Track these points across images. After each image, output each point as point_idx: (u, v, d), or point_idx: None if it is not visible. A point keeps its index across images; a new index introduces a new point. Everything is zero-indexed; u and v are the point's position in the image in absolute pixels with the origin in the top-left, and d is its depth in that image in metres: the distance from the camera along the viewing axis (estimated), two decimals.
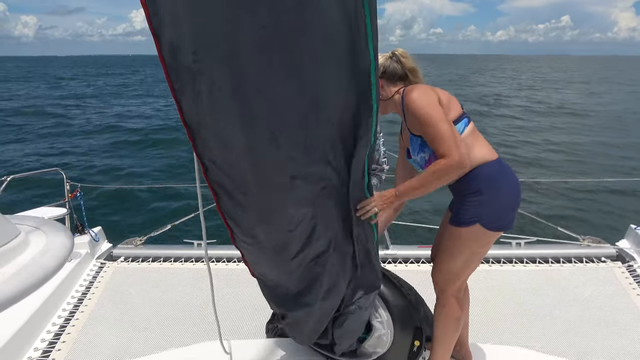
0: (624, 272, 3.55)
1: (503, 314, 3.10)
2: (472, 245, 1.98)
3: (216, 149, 1.48)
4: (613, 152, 15.71)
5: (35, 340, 2.91)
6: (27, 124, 22.76)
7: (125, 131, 20.91)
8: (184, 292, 3.53)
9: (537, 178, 12.12)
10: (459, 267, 2.03)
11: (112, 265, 3.99)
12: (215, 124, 1.41)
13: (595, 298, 3.25)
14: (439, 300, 2.12)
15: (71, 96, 36.43)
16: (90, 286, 3.61)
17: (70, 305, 3.32)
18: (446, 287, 2.08)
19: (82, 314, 3.24)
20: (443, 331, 2.12)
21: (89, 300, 3.42)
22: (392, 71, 2.02)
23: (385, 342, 2.17)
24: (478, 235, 1.95)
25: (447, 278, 2.07)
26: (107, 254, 4.14)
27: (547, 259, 3.83)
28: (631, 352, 2.68)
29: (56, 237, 1.23)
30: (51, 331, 3.02)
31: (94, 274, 3.81)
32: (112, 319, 3.20)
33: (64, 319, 3.17)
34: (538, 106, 28.68)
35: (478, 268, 3.65)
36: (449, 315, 2.09)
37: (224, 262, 3.97)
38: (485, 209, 1.92)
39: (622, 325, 2.92)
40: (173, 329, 3.07)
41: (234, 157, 1.47)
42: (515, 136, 18.72)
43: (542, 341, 2.78)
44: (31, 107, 28.83)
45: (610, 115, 24.42)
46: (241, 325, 3.08)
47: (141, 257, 4.12)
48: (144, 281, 3.72)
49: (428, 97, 1.85)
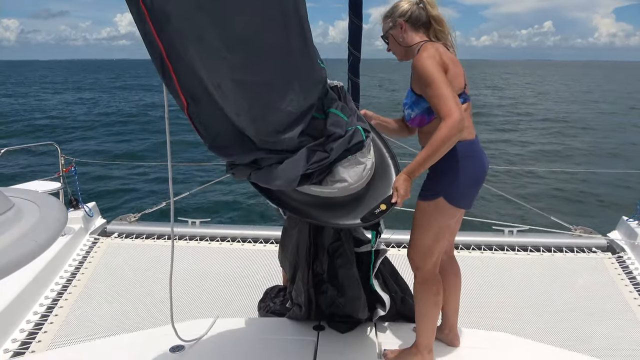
0: (614, 262, 3.59)
1: (494, 300, 3.14)
2: (439, 218, 2.03)
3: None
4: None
5: (27, 313, 2.92)
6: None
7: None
8: (176, 268, 3.54)
9: (530, 167, 12.19)
10: (430, 241, 2.06)
11: (106, 241, 3.99)
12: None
13: (585, 288, 3.29)
14: (416, 277, 2.15)
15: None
16: (83, 261, 3.62)
17: (63, 280, 3.33)
18: (422, 263, 2.10)
19: (74, 289, 3.25)
20: (424, 308, 2.14)
21: (82, 275, 3.43)
22: (416, 17, 2.02)
23: (362, 176, 1.96)
24: (442, 209, 1.99)
25: (421, 253, 2.10)
26: (100, 230, 4.14)
27: (538, 247, 3.87)
28: (618, 341, 2.73)
29: (50, 210, 1.22)
30: (44, 304, 3.03)
31: (87, 249, 3.81)
32: (105, 294, 3.22)
33: (56, 292, 3.18)
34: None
35: (469, 255, 3.76)
36: (427, 291, 2.12)
37: (218, 242, 3.98)
38: (448, 184, 1.97)
39: (610, 315, 2.97)
40: (164, 305, 3.09)
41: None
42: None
43: (531, 328, 2.82)
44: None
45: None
46: (234, 304, 3.11)
47: (135, 234, 4.12)
48: (137, 257, 3.73)
49: (435, 61, 1.87)
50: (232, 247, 3.91)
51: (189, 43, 1.50)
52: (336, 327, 2.44)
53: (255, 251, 3.83)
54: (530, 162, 13.71)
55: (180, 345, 2.24)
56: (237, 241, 3.98)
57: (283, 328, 2.46)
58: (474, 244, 3.90)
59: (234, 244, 3.95)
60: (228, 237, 4.02)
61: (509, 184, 10.38)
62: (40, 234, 1.08)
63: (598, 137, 18.38)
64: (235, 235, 4.03)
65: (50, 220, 1.17)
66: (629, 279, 3.35)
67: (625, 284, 3.30)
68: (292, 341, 2.35)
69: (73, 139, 17.68)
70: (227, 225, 4.13)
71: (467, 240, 3.92)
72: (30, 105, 31.06)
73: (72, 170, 4.36)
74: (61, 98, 35.69)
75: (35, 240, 1.04)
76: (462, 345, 2.32)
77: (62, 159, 4.38)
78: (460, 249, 3.81)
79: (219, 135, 1.74)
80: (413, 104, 2.01)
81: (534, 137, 18.45)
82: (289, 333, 2.41)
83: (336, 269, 2.32)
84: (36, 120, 23.32)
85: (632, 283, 3.29)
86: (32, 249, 1.02)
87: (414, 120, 2.04)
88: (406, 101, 2.07)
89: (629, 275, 3.39)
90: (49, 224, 1.15)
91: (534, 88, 51.82)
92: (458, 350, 2.30)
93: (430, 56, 1.88)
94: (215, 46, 1.51)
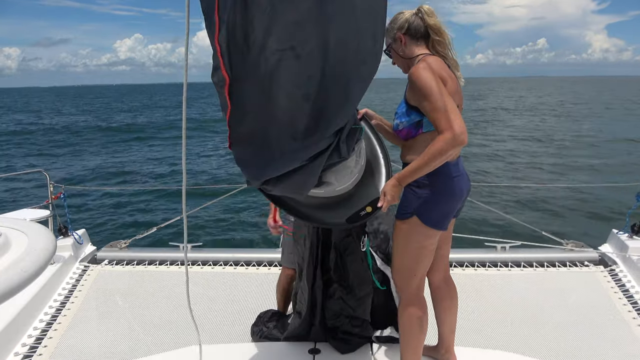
0: (606, 276, 3.60)
1: (488, 317, 3.12)
2: (416, 238, 1.98)
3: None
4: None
5: (16, 344, 2.85)
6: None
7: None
8: (169, 295, 3.50)
9: (519, 183, 12.29)
10: (410, 262, 2.03)
11: (96, 268, 3.93)
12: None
13: (578, 302, 3.29)
14: (401, 300, 2.11)
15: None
16: (73, 289, 3.56)
17: (52, 309, 3.27)
18: (404, 285, 2.07)
19: (64, 318, 3.18)
20: (408, 334, 2.10)
21: (71, 303, 3.37)
22: (415, 27, 1.98)
23: (348, 179, 1.99)
24: (417, 229, 1.96)
25: (402, 274, 2.06)
26: (90, 257, 4.08)
27: (531, 263, 3.87)
28: (613, 355, 2.72)
29: (38, 239, 1.21)
30: (32, 335, 2.97)
31: (77, 277, 3.75)
32: (95, 323, 3.16)
33: (45, 322, 3.11)
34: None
35: (463, 272, 3.75)
36: (411, 315, 2.07)
37: (210, 266, 3.94)
38: (424, 204, 1.93)
39: (604, 329, 2.96)
40: (157, 333, 3.03)
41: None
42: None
43: (527, 345, 2.80)
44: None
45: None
46: (227, 329, 3.06)
47: (125, 260, 4.06)
48: (128, 285, 3.67)
49: (432, 72, 1.81)
50: (224, 271, 3.87)
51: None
52: (337, 346, 2.39)
53: (247, 275, 3.79)
54: (518, 177, 13.84)
55: None
56: (229, 265, 3.95)
57: (277, 352, 2.43)
58: (467, 261, 3.90)
59: (227, 268, 3.91)
60: (220, 261, 3.98)
61: (499, 199, 10.46)
62: (29, 263, 1.07)
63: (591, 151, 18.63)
64: (228, 259, 4.00)
65: (39, 250, 1.15)
66: (622, 291, 3.36)
67: (618, 297, 3.31)
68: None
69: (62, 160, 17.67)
70: (218, 249, 4.11)
71: (459, 257, 3.91)
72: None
73: (62, 197, 4.32)
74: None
75: (23, 270, 1.03)
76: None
77: (50, 186, 4.34)
78: (454, 266, 3.81)
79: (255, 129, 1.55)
80: (402, 115, 1.97)
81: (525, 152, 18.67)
82: (284, 357, 2.38)
83: (347, 267, 2.29)
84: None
85: (625, 296, 3.30)
86: (21, 280, 1.00)
87: (401, 132, 2.00)
88: (397, 110, 2.02)
89: (622, 288, 3.40)
90: (37, 253, 1.13)
91: (525, 102, 52.84)
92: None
93: (426, 67, 1.83)
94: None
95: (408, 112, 1.94)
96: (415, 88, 1.83)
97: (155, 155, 19.36)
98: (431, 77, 1.79)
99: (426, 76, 1.79)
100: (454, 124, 1.71)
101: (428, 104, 1.78)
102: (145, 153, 19.94)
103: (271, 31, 1.35)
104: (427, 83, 1.78)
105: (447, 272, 2.31)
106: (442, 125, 1.74)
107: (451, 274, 2.35)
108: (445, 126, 1.72)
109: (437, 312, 2.31)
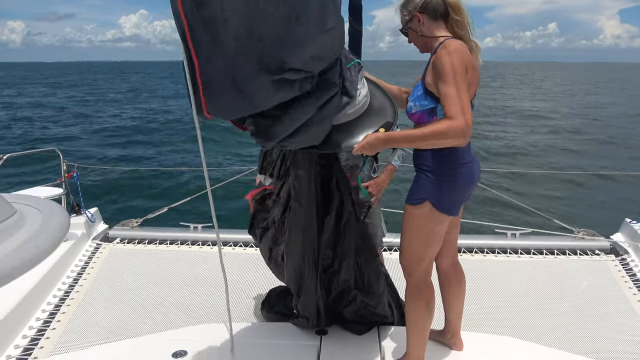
0: (617, 265, 3.57)
1: (497, 304, 3.13)
2: (427, 224, 1.97)
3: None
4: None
5: (30, 319, 2.92)
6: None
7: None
8: (179, 274, 3.55)
9: (532, 169, 12.17)
10: (420, 247, 2.01)
11: (108, 246, 3.99)
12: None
13: (588, 290, 3.28)
14: (408, 284, 2.10)
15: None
16: (85, 267, 3.62)
17: (65, 285, 3.33)
18: (412, 270, 2.06)
19: (77, 294, 3.25)
20: (415, 318, 2.10)
21: (84, 280, 3.43)
22: (433, 6, 1.91)
23: (357, 101, 1.98)
24: (429, 214, 1.94)
25: (411, 260, 2.05)
26: (103, 235, 4.14)
27: (541, 250, 3.86)
28: (622, 344, 2.71)
29: (52, 216, 1.22)
30: (46, 310, 3.03)
31: (89, 254, 3.81)
32: (107, 300, 3.22)
33: (59, 298, 3.18)
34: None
35: (473, 258, 3.75)
36: (418, 299, 2.07)
37: (230, 246, 3.98)
38: (437, 190, 1.91)
39: (614, 318, 2.95)
40: (167, 311, 3.08)
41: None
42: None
43: (535, 332, 2.80)
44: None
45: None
46: (236, 306, 3.10)
47: (137, 239, 4.12)
48: (139, 263, 3.73)
49: (461, 57, 1.77)
50: (234, 251, 3.91)
51: None
52: (352, 328, 2.42)
53: (257, 255, 3.82)
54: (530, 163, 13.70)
55: (182, 350, 2.24)
56: (240, 246, 3.98)
57: (286, 333, 2.45)
58: (477, 247, 3.89)
59: (236, 249, 3.95)
60: (230, 241, 4.02)
61: (511, 186, 10.37)
62: (43, 240, 1.09)
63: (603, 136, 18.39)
64: (237, 240, 4.03)
65: (53, 227, 1.17)
66: (633, 281, 3.34)
67: (629, 286, 3.29)
68: (294, 346, 2.34)
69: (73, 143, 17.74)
70: (229, 230, 4.14)
71: (469, 243, 3.91)
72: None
73: (74, 176, 4.37)
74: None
75: (37, 247, 1.05)
76: (465, 349, 2.31)
77: (64, 164, 4.39)
78: (463, 252, 3.80)
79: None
80: (418, 99, 1.92)
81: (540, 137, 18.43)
82: (292, 338, 2.40)
83: (361, 268, 2.29)
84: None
85: (635, 285, 3.28)
86: (35, 255, 1.02)
87: (414, 115, 1.95)
88: (414, 92, 1.97)
89: (632, 278, 3.37)
90: (51, 230, 1.15)
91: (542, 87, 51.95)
92: (461, 354, 2.29)
93: (456, 50, 1.78)
94: None
95: (424, 97, 1.89)
96: (439, 69, 1.78)
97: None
98: (459, 63, 1.75)
99: (452, 61, 1.75)
100: (459, 117, 1.69)
101: (444, 87, 1.74)
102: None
103: None
104: (453, 68, 1.74)
105: (455, 258, 2.31)
106: (450, 112, 1.71)
107: (460, 260, 2.35)
108: (452, 115, 1.70)
109: (444, 297, 2.31)
